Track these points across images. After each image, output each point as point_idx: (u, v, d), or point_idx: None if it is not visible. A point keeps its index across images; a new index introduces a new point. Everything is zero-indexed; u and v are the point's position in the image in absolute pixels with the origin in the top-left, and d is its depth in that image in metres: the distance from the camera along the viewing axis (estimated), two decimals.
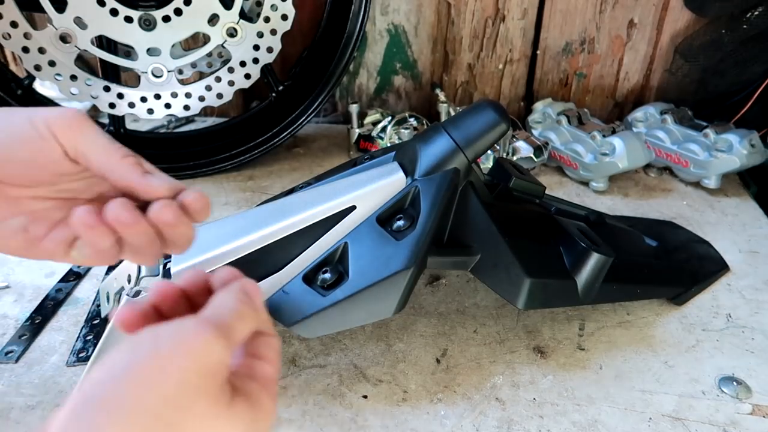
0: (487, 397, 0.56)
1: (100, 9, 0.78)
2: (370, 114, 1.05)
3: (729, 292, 0.71)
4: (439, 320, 0.65)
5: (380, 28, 1.10)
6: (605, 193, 0.94)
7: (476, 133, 0.56)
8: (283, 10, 0.85)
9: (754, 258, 0.78)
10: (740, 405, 0.56)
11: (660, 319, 0.67)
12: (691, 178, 0.96)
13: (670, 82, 1.10)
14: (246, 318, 0.32)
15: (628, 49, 1.10)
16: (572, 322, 0.66)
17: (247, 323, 0.32)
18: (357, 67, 1.14)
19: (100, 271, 0.72)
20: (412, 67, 1.14)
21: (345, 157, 1.02)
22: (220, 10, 0.82)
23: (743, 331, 0.65)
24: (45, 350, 0.60)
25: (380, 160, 0.61)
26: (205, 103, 0.87)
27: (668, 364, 0.60)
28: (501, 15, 1.07)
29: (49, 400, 0.54)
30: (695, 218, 0.88)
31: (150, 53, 0.82)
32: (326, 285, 0.52)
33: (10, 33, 0.76)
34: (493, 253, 0.56)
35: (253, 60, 0.87)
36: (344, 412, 0.54)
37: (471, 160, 0.56)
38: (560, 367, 0.60)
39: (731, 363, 0.61)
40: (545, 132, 1.03)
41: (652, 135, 0.99)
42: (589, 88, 1.14)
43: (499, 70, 1.13)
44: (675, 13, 1.06)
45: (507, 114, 0.57)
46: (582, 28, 1.08)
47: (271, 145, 0.96)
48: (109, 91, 0.83)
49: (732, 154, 0.90)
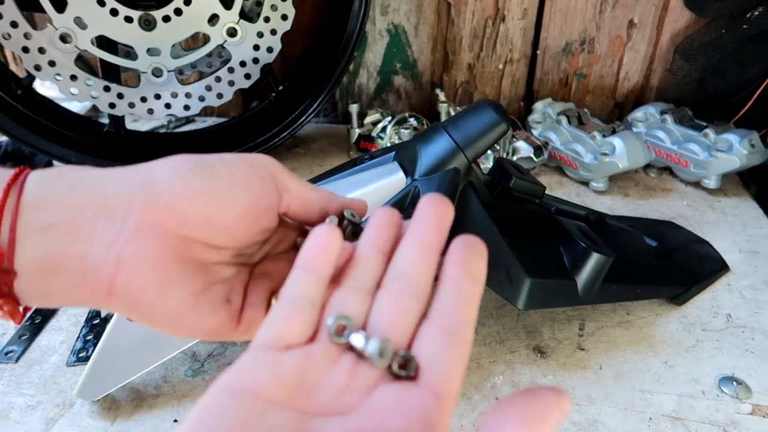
0: (487, 397, 0.56)
1: (100, 9, 0.78)
2: (370, 114, 1.05)
3: (729, 292, 0.71)
4: None
5: (380, 28, 1.10)
6: (605, 193, 0.94)
7: (476, 133, 0.56)
8: (283, 10, 0.85)
9: (754, 258, 0.78)
10: (740, 405, 0.56)
11: (660, 319, 0.67)
12: (691, 178, 0.96)
13: (670, 82, 1.10)
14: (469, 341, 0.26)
15: (628, 49, 1.10)
16: (572, 322, 0.66)
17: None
18: (357, 67, 1.14)
19: None
20: (412, 67, 1.14)
21: (345, 157, 1.02)
22: (220, 10, 0.82)
23: (743, 331, 0.65)
24: (45, 350, 0.60)
25: (380, 160, 0.61)
26: (205, 103, 0.87)
27: (668, 364, 0.60)
28: (501, 15, 1.07)
29: (49, 400, 0.54)
30: (695, 218, 0.88)
31: (150, 53, 0.82)
32: None
33: (10, 33, 0.76)
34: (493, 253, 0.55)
35: (253, 60, 0.87)
36: None
37: (471, 160, 0.56)
38: (560, 367, 0.60)
39: (731, 363, 0.61)
40: (545, 132, 1.03)
41: (652, 135, 0.99)
42: (589, 88, 1.14)
43: (499, 70, 1.13)
44: (675, 13, 1.05)
45: (507, 114, 0.57)
46: (582, 28, 1.08)
47: (271, 145, 0.96)
48: (109, 91, 0.83)
49: (732, 154, 0.90)
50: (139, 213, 0.28)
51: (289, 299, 0.26)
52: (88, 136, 0.89)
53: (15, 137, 0.83)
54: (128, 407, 0.54)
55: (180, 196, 0.28)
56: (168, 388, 0.56)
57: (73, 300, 0.28)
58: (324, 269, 0.27)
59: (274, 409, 0.22)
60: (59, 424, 0.52)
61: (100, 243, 0.27)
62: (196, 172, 0.29)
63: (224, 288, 0.31)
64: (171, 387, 0.56)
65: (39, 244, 0.26)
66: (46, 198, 0.27)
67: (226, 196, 0.29)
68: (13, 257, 0.26)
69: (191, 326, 0.29)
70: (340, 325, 0.25)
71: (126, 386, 0.55)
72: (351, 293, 0.27)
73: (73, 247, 0.27)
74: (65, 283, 0.27)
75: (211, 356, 0.59)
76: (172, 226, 0.28)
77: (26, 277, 0.26)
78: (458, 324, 0.25)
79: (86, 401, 0.54)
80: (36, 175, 0.28)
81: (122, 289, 0.27)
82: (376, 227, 0.29)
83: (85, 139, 0.89)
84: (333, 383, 0.24)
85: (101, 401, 0.54)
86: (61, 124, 0.88)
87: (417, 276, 0.27)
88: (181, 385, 0.57)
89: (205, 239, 0.29)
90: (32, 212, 0.26)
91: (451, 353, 0.25)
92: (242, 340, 0.32)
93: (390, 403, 0.23)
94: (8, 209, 0.26)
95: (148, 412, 0.54)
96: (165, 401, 0.55)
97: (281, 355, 0.24)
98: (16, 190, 0.27)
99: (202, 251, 0.30)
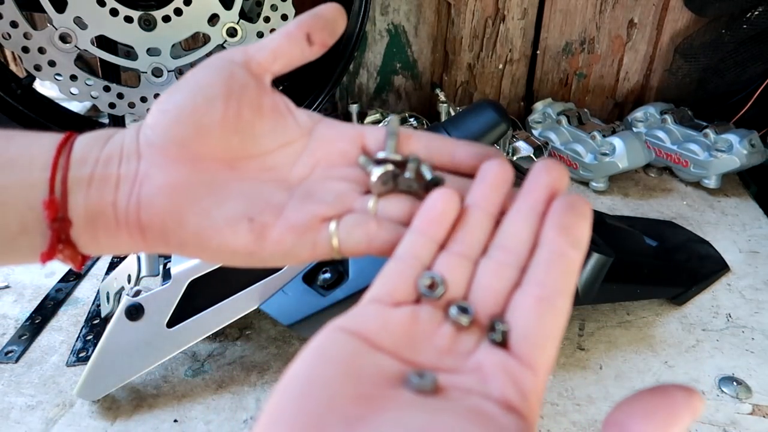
0: None
1: (100, 9, 0.78)
2: (370, 114, 1.05)
3: (729, 292, 0.71)
4: None
5: (380, 28, 1.10)
6: (605, 193, 0.94)
7: (476, 133, 0.56)
8: (283, 10, 0.85)
9: (754, 258, 0.78)
10: (740, 405, 0.56)
11: (660, 319, 0.67)
12: (691, 178, 0.96)
13: (670, 82, 1.10)
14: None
15: (628, 49, 1.10)
16: (572, 322, 0.66)
17: None
18: (357, 67, 1.14)
19: (100, 271, 0.72)
20: (412, 67, 1.14)
21: None
22: (220, 10, 0.82)
23: (743, 331, 0.65)
24: (45, 350, 0.60)
25: None
26: None
27: (668, 364, 0.60)
28: (501, 15, 1.07)
29: (49, 400, 0.54)
30: (695, 218, 0.88)
31: (150, 53, 0.82)
32: (326, 285, 0.53)
33: (10, 33, 0.76)
34: None
35: None
36: None
37: None
38: (560, 367, 0.60)
39: (731, 363, 0.61)
40: (545, 132, 1.03)
41: (652, 135, 0.99)
42: (589, 88, 1.14)
43: (499, 70, 1.13)
44: (675, 13, 1.05)
45: (507, 114, 0.57)
46: (582, 28, 1.08)
47: None
48: (109, 91, 0.83)
49: (732, 154, 0.90)
50: (146, 151, 0.30)
51: (402, 259, 0.27)
52: None
53: None
54: (128, 407, 0.54)
55: (160, 124, 0.30)
56: (168, 388, 0.56)
57: (118, 245, 0.30)
58: (438, 234, 0.28)
59: (381, 353, 0.24)
60: (59, 424, 0.52)
61: (123, 189, 0.29)
62: (168, 92, 0.31)
63: (241, 204, 0.29)
64: (171, 387, 0.56)
65: (83, 196, 0.29)
66: (87, 153, 0.30)
67: (195, 99, 0.30)
68: (66, 207, 0.29)
69: (218, 248, 0.29)
70: (434, 282, 0.26)
71: (126, 386, 0.55)
72: (455, 260, 0.27)
73: (106, 196, 0.29)
74: (107, 230, 0.29)
75: (211, 356, 0.59)
76: (174, 152, 0.30)
77: (78, 225, 0.29)
78: (553, 293, 0.25)
79: (86, 401, 0.54)
80: (83, 136, 0.31)
81: (148, 226, 0.29)
82: (488, 187, 0.29)
83: None
84: (436, 344, 0.25)
85: (101, 401, 0.54)
86: (61, 124, 0.88)
87: (524, 248, 0.27)
88: (181, 385, 0.57)
89: (208, 153, 0.30)
90: (77, 166, 0.29)
91: (545, 324, 0.25)
92: (280, 264, 0.32)
93: (490, 369, 0.24)
94: (60, 165, 0.29)
95: (148, 412, 0.54)
96: (165, 401, 0.55)
97: (391, 310, 0.25)
98: (67, 148, 0.30)
99: (213, 167, 0.30)
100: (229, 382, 0.57)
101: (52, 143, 0.30)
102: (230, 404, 0.55)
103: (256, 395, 0.56)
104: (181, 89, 0.31)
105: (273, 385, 0.56)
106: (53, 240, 0.29)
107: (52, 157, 0.29)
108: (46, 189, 0.29)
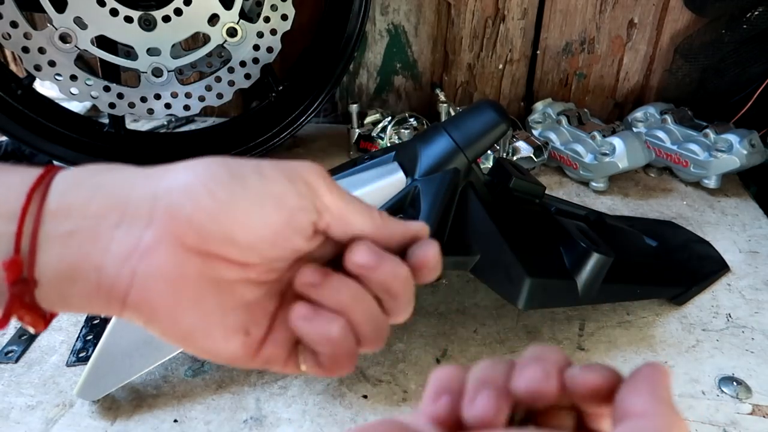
0: None
1: (100, 9, 0.78)
2: (370, 114, 1.05)
3: (729, 292, 0.71)
4: (439, 320, 0.65)
5: (380, 28, 1.10)
6: (605, 193, 0.94)
7: (476, 133, 0.56)
8: (283, 10, 0.85)
9: (754, 258, 0.78)
10: (740, 405, 0.56)
11: (660, 319, 0.67)
12: (691, 178, 0.96)
13: (670, 82, 1.10)
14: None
15: (628, 49, 1.10)
16: (572, 322, 0.66)
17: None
18: (357, 67, 1.14)
19: None
20: (412, 67, 1.14)
21: (345, 157, 1.02)
22: (220, 10, 0.82)
23: (743, 331, 0.65)
24: (45, 350, 0.60)
25: (380, 160, 0.61)
26: (205, 103, 0.87)
27: (668, 364, 0.60)
28: (501, 15, 1.07)
29: (49, 400, 0.54)
30: (695, 218, 0.88)
31: (150, 53, 0.82)
32: None
33: (10, 33, 0.76)
34: (493, 253, 0.56)
35: (253, 60, 0.87)
36: (344, 412, 0.54)
37: (471, 160, 0.56)
38: None
39: (731, 363, 0.61)
40: (545, 132, 1.03)
41: (652, 135, 0.99)
42: (589, 88, 1.14)
43: (499, 70, 1.13)
44: (675, 13, 1.05)
45: (507, 114, 0.57)
46: (582, 28, 1.08)
47: (271, 145, 0.96)
48: (109, 91, 0.83)
49: (732, 154, 0.90)
50: (159, 223, 0.26)
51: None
52: (88, 136, 0.89)
53: (15, 137, 0.83)
54: (128, 407, 0.54)
55: (203, 209, 0.26)
56: (168, 388, 0.56)
57: (91, 308, 0.27)
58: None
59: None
60: (59, 424, 0.52)
61: (116, 254, 0.26)
62: (225, 182, 0.27)
63: (243, 316, 0.28)
64: (171, 387, 0.56)
65: (57, 252, 0.25)
66: (69, 204, 0.26)
67: (253, 214, 0.27)
68: (33, 266, 0.25)
69: (204, 349, 0.28)
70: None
71: (126, 386, 0.55)
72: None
73: (91, 257, 0.26)
74: (82, 292, 0.26)
75: None
76: (192, 241, 0.26)
77: (47, 284, 0.26)
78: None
79: (86, 401, 0.54)
80: (61, 178, 0.27)
81: (135, 305, 0.27)
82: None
83: (85, 139, 0.89)
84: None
85: (101, 401, 0.54)
86: (61, 124, 0.88)
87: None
88: (181, 385, 0.57)
89: (227, 256, 0.27)
90: (55, 219, 0.26)
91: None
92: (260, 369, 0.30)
93: None
94: (30, 215, 0.25)
95: (148, 412, 0.54)
96: (165, 401, 0.55)
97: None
98: (40, 194, 0.26)
99: (225, 268, 0.27)
100: (229, 382, 0.57)
101: (23, 184, 0.26)
102: (230, 404, 0.55)
103: (256, 395, 0.56)
104: (251, 190, 0.27)
105: (273, 385, 0.56)
106: (11, 304, 0.25)
107: (21, 205, 0.25)
108: (10, 244, 0.25)
